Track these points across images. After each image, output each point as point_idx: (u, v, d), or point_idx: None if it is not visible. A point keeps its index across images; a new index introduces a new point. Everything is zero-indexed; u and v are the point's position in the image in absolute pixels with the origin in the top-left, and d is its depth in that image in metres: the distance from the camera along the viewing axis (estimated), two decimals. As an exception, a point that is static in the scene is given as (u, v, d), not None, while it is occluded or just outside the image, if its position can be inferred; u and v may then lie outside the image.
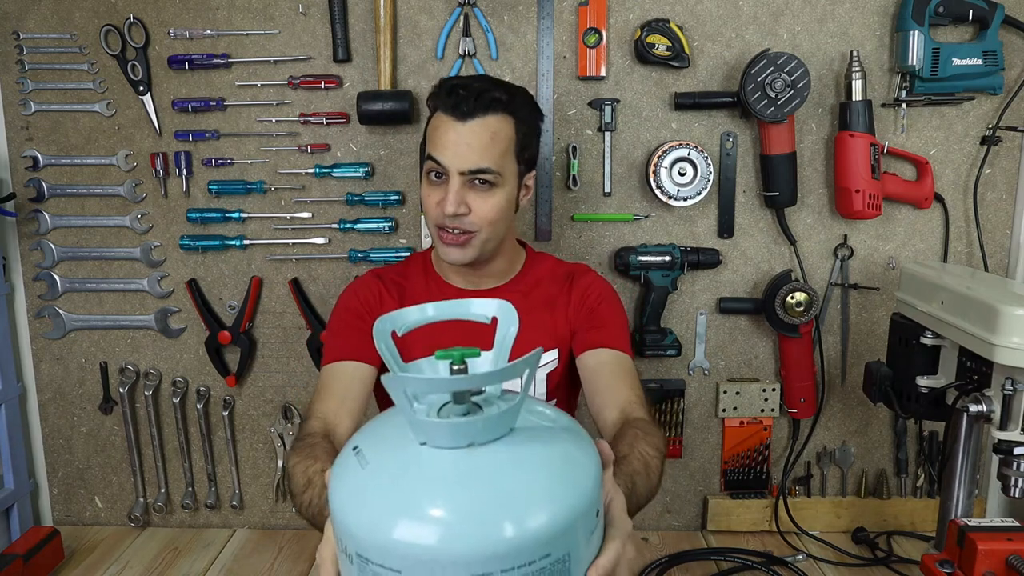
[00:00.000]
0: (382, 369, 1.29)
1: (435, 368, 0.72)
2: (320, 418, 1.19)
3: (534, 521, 0.59)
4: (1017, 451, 1.22)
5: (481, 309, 0.76)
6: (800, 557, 1.61)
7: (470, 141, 1.20)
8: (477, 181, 1.21)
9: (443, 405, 0.67)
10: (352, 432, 1.16)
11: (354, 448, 0.67)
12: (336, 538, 0.67)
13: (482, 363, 0.73)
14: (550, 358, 1.33)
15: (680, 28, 1.54)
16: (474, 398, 0.67)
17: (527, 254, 1.40)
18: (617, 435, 1.16)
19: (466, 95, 1.20)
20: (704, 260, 1.63)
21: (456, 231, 1.23)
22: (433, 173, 1.23)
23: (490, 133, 1.21)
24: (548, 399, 1.34)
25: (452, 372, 0.65)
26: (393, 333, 0.72)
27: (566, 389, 1.39)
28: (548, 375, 1.33)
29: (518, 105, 1.25)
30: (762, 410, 1.71)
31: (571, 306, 1.34)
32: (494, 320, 0.76)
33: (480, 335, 0.83)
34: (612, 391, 1.22)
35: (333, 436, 1.17)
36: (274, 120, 1.61)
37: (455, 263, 1.27)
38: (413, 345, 0.95)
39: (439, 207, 1.22)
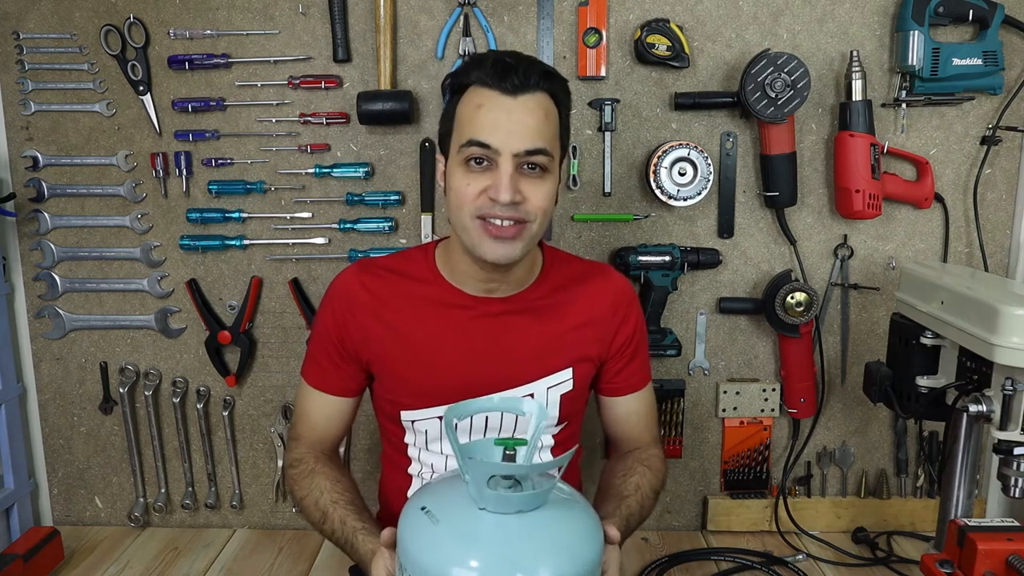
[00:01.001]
0: (369, 387, 1.30)
1: (487, 447, 0.94)
2: (305, 444, 1.25)
3: (557, 570, 0.84)
4: (1017, 451, 1.22)
5: (527, 407, 1.01)
6: (800, 557, 1.61)
7: (523, 119, 1.06)
8: (527, 166, 1.07)
9: (491, 477, 0.88)
10: (336, 449, 1.30)
11: (422, 508, 0.90)
12: (407, 571, 0.87)
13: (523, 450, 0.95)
14: (564, 378, 1.22)
15: (680, 28, 1.54)
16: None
17: (545, 256, 1.27)
18: (626, 470, 1.24)
19: (515, 65, 1.06)
20: (704, 260, 1.63)
21: (507, 222, 1.07)
22: (474, 159, 1.08)
23: (543, 110, 1.08)
24: (560, 422, 1.26)
25: (504, 456, 0.91)
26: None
27: (578, 411, 1.30)
28: (561, 397, 1.23)
29: (558, 85, 1.12)
30: (762, 410, 1.71)
31: (611, 342, 1.25)
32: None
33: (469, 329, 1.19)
34: (635, 435, 1.32)
35: (319, 460, 1.22)
36: (274, 120, 1.61)
37: (500, 260, 1.10)
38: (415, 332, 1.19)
39: (484, 195, 1.07)
